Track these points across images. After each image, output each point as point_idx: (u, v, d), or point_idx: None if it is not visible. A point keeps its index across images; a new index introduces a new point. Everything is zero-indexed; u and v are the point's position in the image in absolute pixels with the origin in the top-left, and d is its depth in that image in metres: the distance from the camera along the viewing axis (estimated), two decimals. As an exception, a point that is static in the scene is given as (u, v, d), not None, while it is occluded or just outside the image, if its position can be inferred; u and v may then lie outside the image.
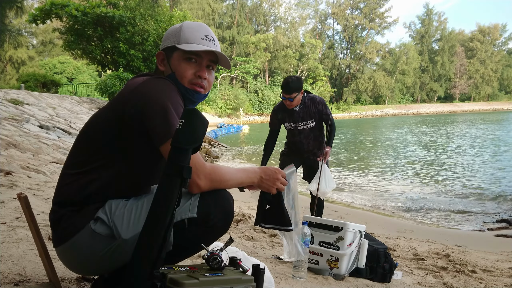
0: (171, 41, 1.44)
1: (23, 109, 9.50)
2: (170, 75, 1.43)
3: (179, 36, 1.43)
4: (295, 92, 3.57)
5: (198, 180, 1.29)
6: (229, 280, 1.15)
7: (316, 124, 3.75)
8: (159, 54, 1.48)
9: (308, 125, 3.74)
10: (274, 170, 1.48)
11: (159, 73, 1.46)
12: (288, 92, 3.56)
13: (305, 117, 3.71)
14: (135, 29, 17.23)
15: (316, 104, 3.69)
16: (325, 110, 3.71)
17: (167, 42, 1.46)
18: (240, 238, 3.29)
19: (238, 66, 56.07)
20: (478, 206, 6.56)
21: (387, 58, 75.13)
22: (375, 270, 2.51)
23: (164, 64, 1.46)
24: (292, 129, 3.79)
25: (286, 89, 3.56)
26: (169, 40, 1.45)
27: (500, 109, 68.78)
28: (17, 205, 2.75)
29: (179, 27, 1.46)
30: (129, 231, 1.26)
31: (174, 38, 1.44)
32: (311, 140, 3.79)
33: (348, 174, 10.18)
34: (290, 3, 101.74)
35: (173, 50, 1.44)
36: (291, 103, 3.62)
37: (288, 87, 3.55)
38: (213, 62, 1.47)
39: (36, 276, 1.59)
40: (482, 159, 12.12)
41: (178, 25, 1.49)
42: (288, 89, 3.55)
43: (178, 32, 1.44)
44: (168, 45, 1.45)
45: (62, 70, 38.60)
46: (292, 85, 3.55)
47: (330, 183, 3.60)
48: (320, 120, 3.75)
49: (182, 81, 1.42)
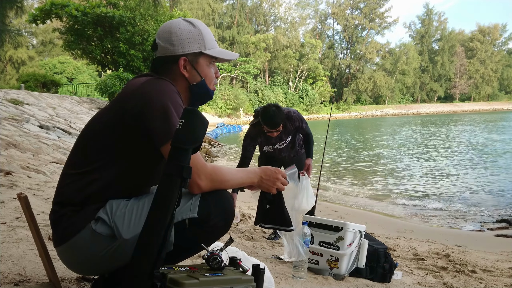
0: (196, 46, 1.43)
1: (23, 109, 9.50)
2: (201, 82, 1.46)
3: (203, 41, 1.44)
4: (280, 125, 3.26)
5: (199, 181, 1.29)
6: (229, 280, 1.15)
7: (292, 137, 3.55)
8: (182, 60, 1.43)
9: (286, 141, 3.53)
10: (274, 170, 1.49)
11: (167, 76, 1.42)
12: (274, 127, 3.23)
13: (282, 137, 3.47)
14: (135, 29, 17.23)
15: (293, 121, 3.39)
16: (302, 124, 3.44)
17: (190, 47, 1.42)
18: (240, 238, 3.29)
19: (238, 66, 56.07)
20: (478, 206, 6.56)
21: (387, 58, 75.12)
22: (375, 270, 2.51)
23: (188, 70, 1.44)
24: (271, 151, 3.58)
25: (271, 125, 3.21)
26: (193, 45, 1.43)
27: (500, 109, 68.77)
28: (17, 205, 2.75)
29: (197, 30, 1.44)
30: (130, 231, 1.26)
31: (198, 43, 1.43)
32: (290, 150, 3.62)
33: (348, 176, 10.19)
34: (290, 3, 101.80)
35: (198, 55, 1.44)
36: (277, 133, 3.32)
37: (273, 123, 3.19)
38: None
39: (36, 276, 1.59)
40: (482, 159, 12.12)
41: (187, 25, 1.44)
42: (274, 125, 3.21)
43: (201, 36, 1.44)
44: (194, 50, 1.43)
45: (62, 70, 38.61)
46: (276, 119, 3.18)
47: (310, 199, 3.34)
48: (296, 132, 3.56)
49: (210, 85, 1.49)
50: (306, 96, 62.30)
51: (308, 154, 3.53)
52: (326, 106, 64.98)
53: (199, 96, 1.49)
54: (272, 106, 3.23)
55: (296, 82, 64.71)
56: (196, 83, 1.46)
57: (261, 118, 3.24)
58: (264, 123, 3.22)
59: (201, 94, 1.48)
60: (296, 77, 64.93)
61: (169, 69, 1.44)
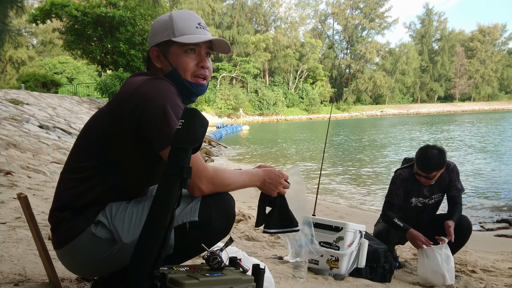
0: (165, 35, 1.38)
1: (23, 109, 9.50)
2: (171, 71, 1.38)
3: (172, 28, 1.37)
4: (436, 171, 2.78)
5: (200, 184, 1.28)
6: (229, 280, 1.15)
7: (442, 198, 2.97)
8: (153, 51, 1.41)
9: (435, 199, 2.96)
10: (277, 174, 1.46)
11: (155, 71, 1.42)
12: (429, 170, 2.77)
13: (435, 190, 2.92)
14: (135, 29, 17.23)
15: (450, 172, 2.87)
16: (457, 179, 2.89)
17: (160, 36, 1.40)
18: (240, 238, 3.29)
19: (238, 66, 56.04)
20: (478, 206, 6.55)
21: (387, 58, 75.11)
22: (375, 270, 2.52)
23: (161, 60, 1.41)
24: (419, 206, 2.96)
25: (426, 168, 2.76)
26: (162, 34, 1.39)
27: (500, 109, 68.77)
28: (17, 205, 2.74)
29: (169, 19, 1.40)
30: (129, 235, 1.25)
31: (167, 31, 1.38)
32: (431, 211, 3.02)
33: (350, 179, 10.18)
34: (290, 3, 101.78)
35: (169, 44, 1.39)
36: (427, 181, 2.84)
37: (431, 165, 2.75)
38: (210, 49, 1.45)
39: (36, 276, 1.59)
40: (481, 159, 12.12)
41: (165, 16, 1.42)
42: (430, 168, 2.76)
43: (170, 25, 1.38)
44: (163, 39, 1.39)
45: (62, 70, 38.63)
46: (435, 162, 2.74)
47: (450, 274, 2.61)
48: (446, 192, 2.94)
49: (185, 75, 1.39)
50: (306, 96, 62.31)
51: (451, 216, 2.80)
52: (326, 106, 65.00)
53: (180, 88, 1.37)
54: (435, 147, 2.81)
55: (296, 82, 64.73)
56: (167, 72, 1.39)
57: (417, 157, 2.83)
58: (418, 163, 2.81)
59: (178, 86, 1.36)
60: (296, 77, 64.94)
61: (150, 63, 1.44)
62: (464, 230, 2.79)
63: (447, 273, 2.56)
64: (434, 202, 2.96)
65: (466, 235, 2.82)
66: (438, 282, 2.56)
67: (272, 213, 1.51)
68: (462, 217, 2.85)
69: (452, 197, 2.88)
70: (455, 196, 2.87)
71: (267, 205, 1.51)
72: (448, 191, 2.89)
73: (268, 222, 1.50)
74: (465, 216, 2.90)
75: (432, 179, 2.81)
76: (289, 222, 1.52)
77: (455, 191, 2.87)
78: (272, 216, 1.50)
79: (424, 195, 2.92)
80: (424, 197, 2.93)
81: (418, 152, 2.84)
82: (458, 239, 2.74)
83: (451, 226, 2.68)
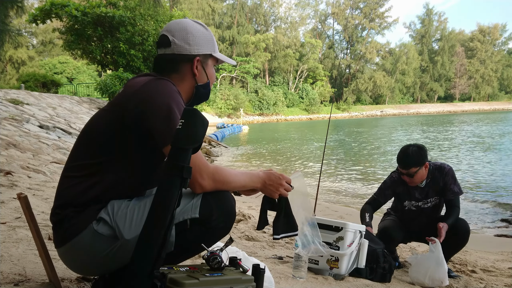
0: (209, 48, 1.48)
1: (23, 109, 9.50)
2: (207, 83, 1.51)
3: (213, 43, 1.50)
4: (414, 167, 2.80)
5: (201, 180, 1.29)
6: (229, 280, 1.15)
7: (440, 201, 2.96)
8: (197, 60, 1.46)
9: (431, 203, 2.95)
10: (278, 176, 1.47)
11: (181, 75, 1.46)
12: (405, 166, 2.82)
13: (429, 193, 2.92)
14: (135, 29, 17.23)
15: (444, 175, 2.87)
16: (452, 183, 2.86)
17: (204, 48, 1.47)
18: (240, 238, 3.29)
19: (238, 66, 56.05)
20: (478, 206, 6.56)
21: (387, 58, 75.16)
22: (375, 270, 2.52)
23: (199, 70, 1.48)
24: (413, 209, 2.98)
25: (403, 164, 2.83)
26: (207, 47, 1.48)
27: (500, 109, 68.79)
28: (17, 205, 2.75)
29: (208, 33, 1.50)
30: (131, 232, 1.26)
31: (210, 45, 1.49)
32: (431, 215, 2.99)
33: (351, 179, 10.19)
34: (290, 3, 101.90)
35: (207, 57, 1.49)
36: (411, 180, 2.87)
37: (406, 161, 2.81)
38: None
39: (36, 276, 1.59)
40: (482, 159, 12.12)
41: (200, 26, 1.49)
42: (406, 164, 2.82)
43: (211, 39, 1.49)
44: (206, 52, 1.48)
45: (62, 70, 38.66)
46: (411, 158, 2.80)
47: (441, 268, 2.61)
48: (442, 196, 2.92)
49: (211, 86, 1.55)
50: (306, 96, 62.34)
51: (446, 219, 2.78)
52: (326, 106, 65.04)
53: (201, 96, 1.52)
54: (415, 145, 2.87)
55: (296, 82, 64.75)
56: (203, 83, 1.50)
57: (397, 155, 2.90)
58: (397, 160, 2.88)
59: (203, 95, 1.52)
60: (296, 77, 64.97)
61: (179, 67, 1.45)
62: (461, 233, 2.79)
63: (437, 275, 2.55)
64: (431, 206, 2.95)
65: (463, 237, 2.81)
66: (432, 284, 2.57)
67: (278, 218, 1.50)
68: (460, 219, 2.85)
69: (449, 200, 2.88)
70: (451, 199, 2.86)
71: (269, 208, 1.51)
72: (445, 194, 2.88)
73: (275, 228, 1.50)
74: (463, 219, 2.90)
75: (414, 177, 2.82)
76: (294, 225, 1.52)
77: (451, 195, 2.86)
78: (278, 222, 1.50)
79: (416, 198, 2.94)
80: (417, 200, 2.94)
81: (399, 151, 2.91)
82: (455, 241, 2.76)
83: (442, 227, 2.68)
